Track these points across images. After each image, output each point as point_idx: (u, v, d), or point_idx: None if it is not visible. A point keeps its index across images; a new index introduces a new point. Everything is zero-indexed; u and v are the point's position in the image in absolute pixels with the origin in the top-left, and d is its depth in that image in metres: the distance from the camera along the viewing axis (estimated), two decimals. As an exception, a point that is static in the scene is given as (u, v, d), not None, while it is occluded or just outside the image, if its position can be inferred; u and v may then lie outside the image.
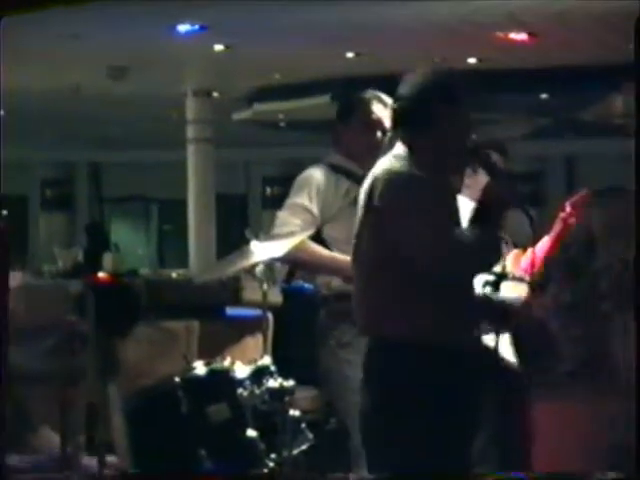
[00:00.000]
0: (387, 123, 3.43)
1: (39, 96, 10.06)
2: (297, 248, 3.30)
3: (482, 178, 3.64)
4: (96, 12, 6.74)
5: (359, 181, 2.82)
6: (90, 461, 3.36)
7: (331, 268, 3.30)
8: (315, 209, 3.36)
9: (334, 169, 3.44)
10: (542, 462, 3.32)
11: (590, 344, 1.78)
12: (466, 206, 3.30)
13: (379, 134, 3.42)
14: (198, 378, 3.16)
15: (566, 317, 1.76)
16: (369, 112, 3.44)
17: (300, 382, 3.27)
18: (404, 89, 2.66)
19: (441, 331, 2.55)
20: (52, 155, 15.44)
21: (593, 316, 1.75)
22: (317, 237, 3.37)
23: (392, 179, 2.57)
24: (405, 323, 2.53)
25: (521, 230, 3.05)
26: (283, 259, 3.38)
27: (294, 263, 3.45)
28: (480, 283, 2.79)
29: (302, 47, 8.45)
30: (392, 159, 2.65)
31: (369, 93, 3.52)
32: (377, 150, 3.33)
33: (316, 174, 3.46)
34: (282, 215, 3.39)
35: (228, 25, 7.89)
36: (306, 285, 3.69)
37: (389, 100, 3.40)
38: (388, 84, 3.33)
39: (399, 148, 2.68)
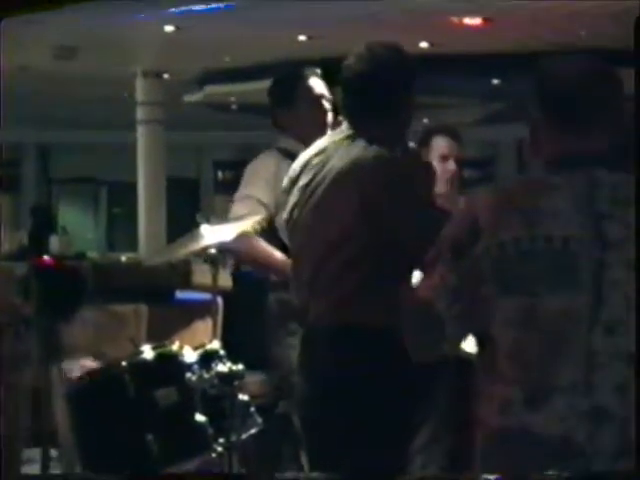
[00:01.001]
0: (329, 97, 3.42)
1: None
2: (239, 239, 3.27)
3: (433, 162, 3.66)
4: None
5: None
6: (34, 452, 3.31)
7: (267, 265, 3.28)
8: (266, 199, 3.32)
9: (285, 154, 3.39)
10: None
11: (469, 326, 1.81)
12: None
13: (325, 110, 3.40)
14: (146, 362, 3.13)
15: (450, 299, 1.79)
16: (311, 89, 3.40)
17: (249, 367, 3.26)
18: (360, 67, 2.60)
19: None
20: (-1, 136, 15.23)
21: (472, 299, 1.78)
22: (271, 233, 3.33)
23: (385, 166, 2.52)
24: (383, 309, 2.47)
25: None
26: (224, 249, 3.35)
27: (233, 254, 3.42)
28: None
29: (253, 29, 8.40)
30: (360, 144, 2.57)
31: (305, 70, 3.48)
32: (326, 128, 3.32)
33: (266, 162, 3.41)
34: (234, 208, 3.36)
35: (179, 6, 7.82)
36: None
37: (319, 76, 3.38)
38: (340, 67, 3.31)
39: (348, 129, 2.63)
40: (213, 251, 3.34)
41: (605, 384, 1.64)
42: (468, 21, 8.16)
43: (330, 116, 3.39)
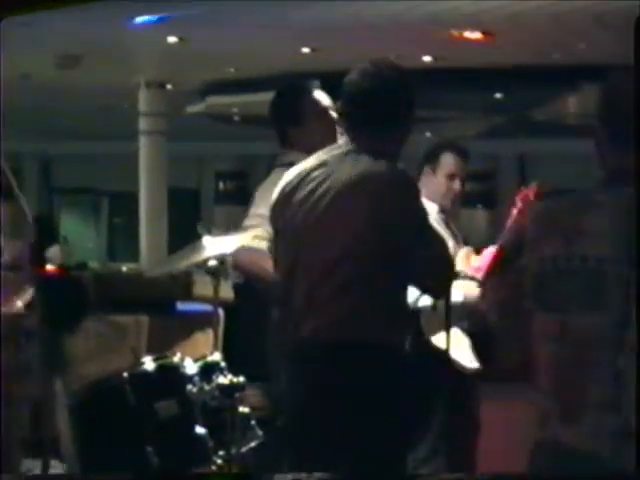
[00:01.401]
0: (334, 107, 3.42)
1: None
2: (241, 251, 3.26)
3: (440, 178, 3.67)
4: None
5: None
6: (34, 463, 3.31)
7: (267, 278, 3.28)
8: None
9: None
10: (489, 459, 3.35)
11: (517, 342, 1.86)
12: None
13: (333, 122, 3.41)
14: (146, 373, 3.13)
15: (499, 313, 1.84)
16: (317, 103, 3.40)
17: (250, 379, 3.25)
18: (363, 82, 2.61)
19: (403, 333, 2.56)
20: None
21: (517, 314, 1.83)
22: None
23: (393, 179, 2.53)
24: (383, 327, 2.50)
25: (473, 228, 3.09)
26: (225, 260, 3.35)
27: (234, 266, 3.42)
28: None
29: (257, 41, 8.42)
30: (363, 158, 2.58)
31: (306, 84, 3.48)
32: (336, 138, 3.32)
33: (277, 180, 3.41)
34: (243, 226, 3.35)
35: (182, 17, 7.84)
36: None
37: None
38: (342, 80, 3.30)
39: (349, 143, 2.63)
40: (214, 262, 3.34)
41: (631, 403, 1.67)
42: (468, 35, 8.19)
43: (336, 132, 3.40)
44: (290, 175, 2.71)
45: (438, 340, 3.23)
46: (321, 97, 3.44)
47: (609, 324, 1.71)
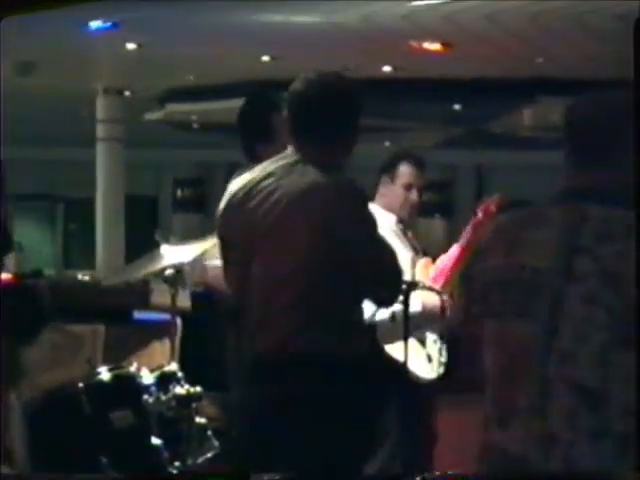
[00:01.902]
0: None
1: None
2: (199, 260, 3.26)
3: (397, 189, 3.69)
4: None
5: None
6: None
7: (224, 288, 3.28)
8: None
9: None
10: (445, 465, 3.38)
11: (463, 345, 1.94)
12: (381, 215, 3.32)
13: None
14: (102, 383, 3.10)
15: (455, 321, 1.91)
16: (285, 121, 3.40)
17: (207, 389, 3.24)
18: (304, 86, 2.59)
19: (358, 345, 2.56)
20: (-46, 150, 15.01)
21: (464, 321, 1.91)
22: None
23: (343, 190, 2.52)
24: (335, 338, 2.50)
25: (431, 237, 3.11)
26: (185, 269, 3.34)
27: (192, 275, 3.41)
28: None
29: (217, 48, 8.41)
30: (311, 170, 2.57)
31: (274, 98, 3.45)
32: None
33: None
34: (204, 245, 3.31)
35: (140, 23, 7.79)
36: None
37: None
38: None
39: (294, 154, 2.61)
40: (172, 271, 3.33)
41: (556, 411, 1.72)
42: (427, 46, 8.25)
43: None
44: (235, 186, 2.67)
45: (395, 351, 3.23)
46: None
47: (539, 332, 1.75)
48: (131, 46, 8.49)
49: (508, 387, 1.78)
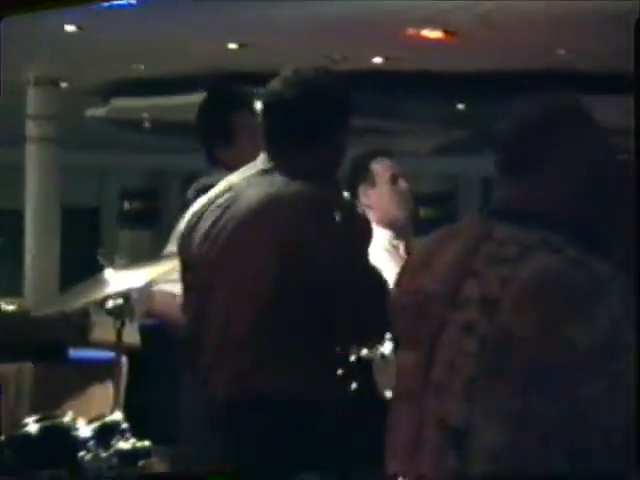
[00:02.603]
0: None
1: None
2: (151, 287, 3.27)
3: (382, 188, 3.70)
4: None
5: None
6: None
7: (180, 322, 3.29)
8: None
9: None
10: None
11: None
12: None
13: None
14: (30, 437, 3.10)
15: None
16: (252, 119, 3.39)
17: (157, 442, 3.23)
18: (282, 86, 2.64)
19: (332, 386, 2.57)
20: None
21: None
22: None
23: (306, 205, 2.55)
24: (303, 378, 2.53)
25: None
26: (131, 298, 3.36)
27: (142, 305, 3.43)
28: None
29: (173, 33, 8.44)
30: (277, 180, 2.61)
31: (244, 92, 3.51)
32: None
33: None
34: (161, 255, 3.35)
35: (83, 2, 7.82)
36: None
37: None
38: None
39: (265, 162, 2.66)
40: (117, 300, 3.33)
41: (427, 450, 1.88)
42: (427, 33, 8.31)
43: None
44: (198, 203, 2.74)
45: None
46: (257, 110, 3.46)
47: (420, 364, 1.93)
48: (70, 28, 8.51)
49: (394, 422, 1.97)
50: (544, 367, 1.75)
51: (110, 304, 3.36)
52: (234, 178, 2.70)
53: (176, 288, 3.26)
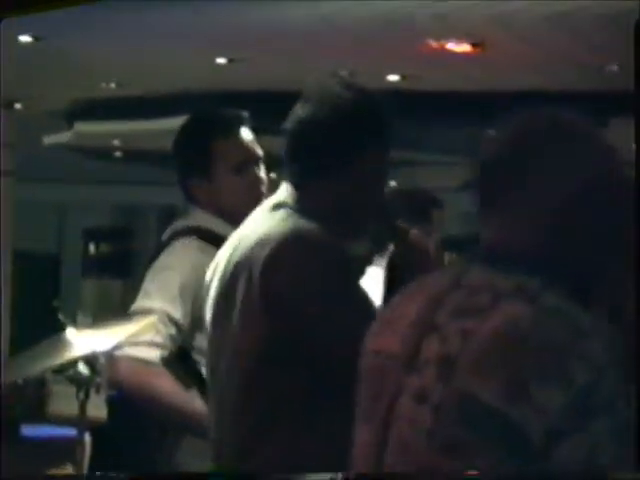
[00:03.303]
0: (259, 155, 3.48)
1: None
2: (121, 353, 3.29)
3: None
4: None
5: None
6: None
7: (156, 398, 3.31)
8: (179, 313, 3.34)
9: (210, 239, 3.40)
10: None
11: None
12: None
13: (255, 179, 3.46)
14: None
15: None
16: (232, 153, 3.46)
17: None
18: (304, 110, 2.70)
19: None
20: None
21: None
22: (180, 361, 3.38)
23: (290, 249, 2.59)
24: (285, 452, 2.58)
25: None
26: (108, 379, 3.38)
27: (108, 375, 3.44)
28: None
29: (151, 46, 8.48)
30: (281, 216, 2.67)
31: (227, 118, 3.53)
32: (259, 201, 3.39)
33: (181, 256, 3.42)
34: (129, 327, 3.36)
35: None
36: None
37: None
38: (275, 102, 3.35)
39: (283, 194, 2.72)
40: (81, 366, 3.34)
41: None
42: (452, 47, 8.35)
43: (264, 184, 3.45)
44: (220, 250, 2.81)
45: None
46: (238, 141, 3.48)
47: (373, 439, 1.94)
48: (25, 39, 8.55)
49: None
50: (510, 437, 1.75)
51: (72, 371, 3.37)
52: (253, 215, 2.78)
53: (145, 352, 3.29)
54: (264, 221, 2.70)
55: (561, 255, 1.89)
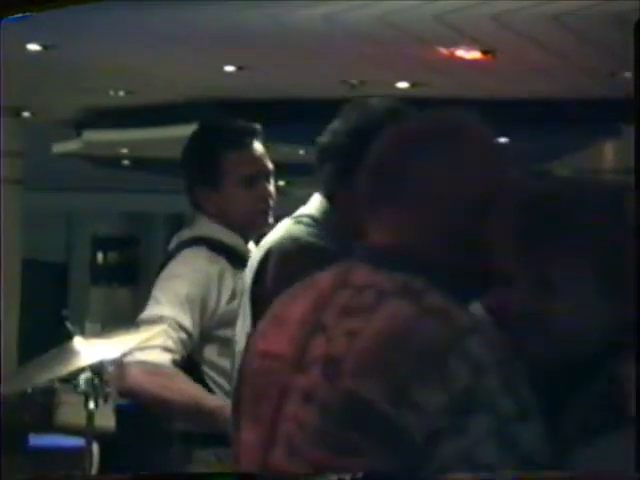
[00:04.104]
0: (269, 169, 3.50)
1: None
2: (131, 361, 3.29)
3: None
4: None
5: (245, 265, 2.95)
6: None
7: (171, 403, 3.30)
8: (187, 321, 3.34)
9: (219, 248, 3.44)
10: None
11: None
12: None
13: (264, 192, 3.48)
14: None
15: None
16: (243, 165, 3.47)
17: None
18: (343, 122, 2.75)
19: None
20: None
21: None
22: (191, 367, 3.38)
23: (287, 252, 2.65)
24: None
25: None
26: (108, 372, 3.37)
27: (118, 382, 3.43)
28: None
29: (158, 53, 8.49)
30: (297, 220, 2.74)
31: (233, 128, 3.54)
32: (267, 214, 3.40)
33: (190, 265, 3.42)
34: (138, 335, 3.35)
35: (49, 15, 7.87)
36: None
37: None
38: (282, 111, 3.36)
39: (315, 204, 2.78)
40: (88, 375, 3.33)
41: None
42: (462, 54, 8.34)
43: (273, 198, 3.47)
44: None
45: None
46: (249, 154, 3.49)
47: (259, 443, 1.96)
48: (33, 47, 8.57)
49: None
50: (393, 436, 1.77)
51: (80, 380, 3.37)
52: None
53: (155, 356, 3.29)
54: (276, 231, 2.79)
55: (445, 255, 1.89)
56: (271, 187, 3.49)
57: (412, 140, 1.96)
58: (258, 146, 3.51)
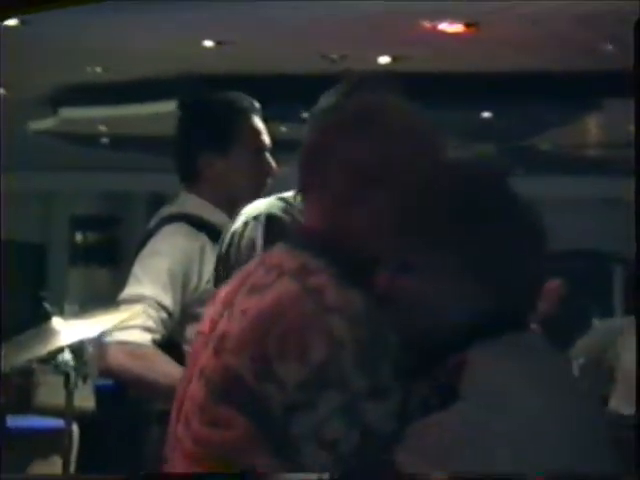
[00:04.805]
0: (270, 146, 3.51)
1: None
2: (110, 340, 3.27)
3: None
4: None
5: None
6: None
7: (154, 383, 3.29)
8: (168, 300, 3.33)
9: (201, 226, 3.44)
10: None
11: None
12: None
13: (268, 166, 3.49)
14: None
15: None
16: (257, 134, 3.49)
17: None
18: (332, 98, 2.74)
19: None
20: None
21: None
22: (171, 347, 3.35)
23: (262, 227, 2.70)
24: None
25: None
26: (88, 352, 3.36)
27: (98, 362, 3.42)
28: None
29: (137, 29, 8.47)
30: (278, 198, 2.79)
31: (244, 101, 3.55)
32: (263, 190, 3.40)
33: (170, 242, 3.41)
34: (117, 314, 3.34)
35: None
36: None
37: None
38: (262, 87, 3.34)
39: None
40: (67, 355, 3.32)
41: None
42: (445, 27, 8.33)
43: (273, 172, 3.51)
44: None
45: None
46: (260, 126, 3.52)
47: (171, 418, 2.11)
48: (10, 21, 8.53)
49: None
50: (257, 411, 1.85)
51: (58, 361, 3.36)
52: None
53: (136, 336, 3.28)
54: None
55: (344, 238, 1.97)
56: (273, 163, 3.51)
57: (334, 128, 2.06)
58: (259, 120, 3.53)
